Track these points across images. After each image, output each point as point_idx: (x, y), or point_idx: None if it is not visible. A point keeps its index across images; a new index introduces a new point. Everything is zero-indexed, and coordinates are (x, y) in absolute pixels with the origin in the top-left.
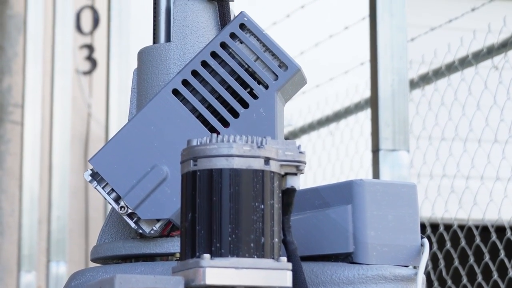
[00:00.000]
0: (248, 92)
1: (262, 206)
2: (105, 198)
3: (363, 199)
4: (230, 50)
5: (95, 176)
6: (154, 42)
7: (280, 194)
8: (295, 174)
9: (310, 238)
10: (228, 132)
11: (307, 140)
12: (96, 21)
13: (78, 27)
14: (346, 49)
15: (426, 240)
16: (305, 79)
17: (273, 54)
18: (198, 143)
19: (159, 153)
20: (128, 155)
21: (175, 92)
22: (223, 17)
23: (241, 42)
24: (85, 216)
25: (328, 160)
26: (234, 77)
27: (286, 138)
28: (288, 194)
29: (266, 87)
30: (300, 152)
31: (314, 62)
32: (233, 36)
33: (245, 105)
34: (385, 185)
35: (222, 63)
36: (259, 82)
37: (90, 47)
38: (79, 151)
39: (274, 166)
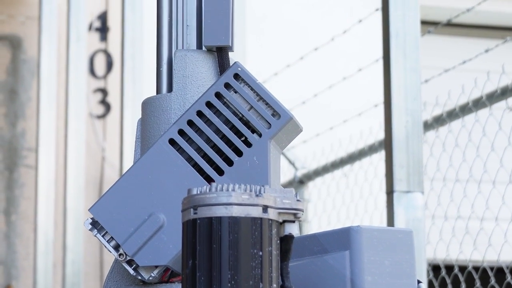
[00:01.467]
0: (242, 140)
1: (261, 253)
2: (105, 246)
3: (361, 245)
4: (225, 100)
5: (95, 224)
6: (158, 92)
7: (278, 241)
8: (293, 221)
9: (308, 283)
10: (223, 180)
11: (321, 182)
12: (109, 65)
13: (92, 71)
14: (359, 91)
15: (423, 285)
16: (300, 127)
17: (267, 103)
18: (198, 192)
19: (156, 201)
20: (126, 204)
21: (172, 141)
22: (223, 66)
23: (236, 92)
24: (99, 260)
25: (343, 202)
26: (228, 126)
27: (300, 180)
28: (286, 241)
29: (260, 135)
30: (298, 200)
31: (327, 104)
32: (227, 86)
33: (239, 153)
34: (382, 231)
35: (217, 112)
36: (253, 131)
37: (103, 91)
38: (94, 195)
39: (272, 214)
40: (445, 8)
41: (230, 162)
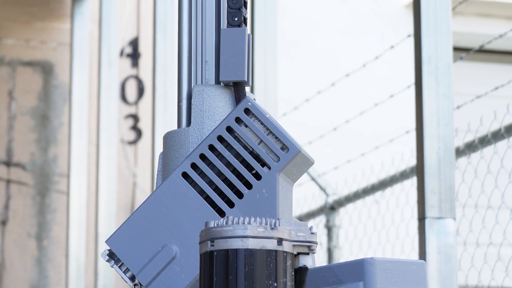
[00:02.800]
0: (253, 173)
1: (275, 285)
2: (122, 277)
3: (374, 277)
4: (236, 134)
5: (112, 255)
6: (178, 126)
7: (293, 273)
8: (307, 253)
9: None
10: (233, 213)
11: (353, 208)
12: (141, 91)
13: (123, 97)
14: (391, 118)
15: None
16: (311, 160)
17: (276, 137)
18: (215, 225)
19: (169, 233)
20: (140, 236)
21: (185, 175)
22: (239, 101)
23: (246, 126)
24: None
25: (374, 229)
26: (239, 159)
27: (331, 207)
28: (301, 273)
29: (269, 168)
30: (312, 233)
31: (359, 130)
32: (238, 120)
33: (249, 186)
34: (395, 263)
35: (228, 146)
36: (263, 164)
37: (135, 117)
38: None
39: (287, 247)
40: (477, 34)
41: (240, 195)
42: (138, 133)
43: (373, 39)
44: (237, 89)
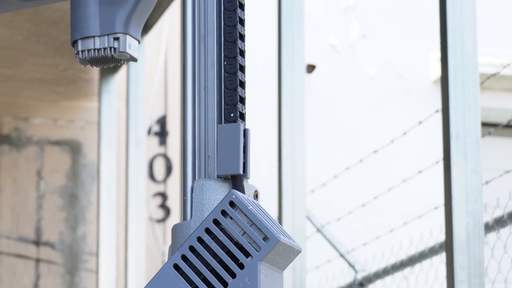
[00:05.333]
0: (237, 263)
1: None
2: None
3: None
4: (222, 226)
5: None
6: (183, 219)
7: None
8: None
9: None
10: None
11: (382, 285)
12: (169, 169)
13: (151, 175)
14: (419, 194)
15: None
16: (296, 248)
17: (258, 228)
18: None
19: None
20: None
21: (176, 266)
22: (237, 190)
23: (231, 218)
24: None
25: None
26: (224, 250)
27: (360, 283)
28: None
29: (252, 257)
30: None
31: (387, 206)
32: (224, 213)
33: (233, 275)
34: None
35: (215, 238)
36: (246, 254)
37: (163, 195)
38: None
39: None
40: (505, 109)
41: (225, 284)
42: (167, 211)
43: (401, 115)
44: (235, 182)
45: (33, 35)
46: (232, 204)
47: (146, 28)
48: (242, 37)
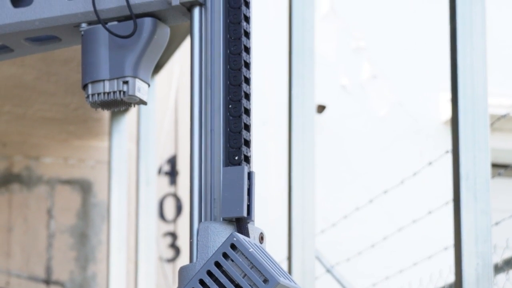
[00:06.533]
0: None
1: None
2: None
3: None
4: (223, 269)
5: None
6: (190, 261)
7: None
8: None
9: None
10: None
11: None
12: (179, 209)
13: (161, 215)
14: (429, 234)
15: None
16: None
17: (259, 270)
18: None
19: None
20: None
21: None
22: (242, 233)
23: (232, 260)
24: None
25: None
26: None
27: None
28: None
29: None
30: None
31: (397, 247)
32: (225, 255)
33: None
34: None
35: (217, 281)
36: None
37: (173, 235)
38: None
39: None
40: None
41: None
42: (177, 251)
43: (411, 155)
44: (239, 225)
45: (44, 74)
46: (233, 246)
47: (157, 68)
48: (247, 80)
